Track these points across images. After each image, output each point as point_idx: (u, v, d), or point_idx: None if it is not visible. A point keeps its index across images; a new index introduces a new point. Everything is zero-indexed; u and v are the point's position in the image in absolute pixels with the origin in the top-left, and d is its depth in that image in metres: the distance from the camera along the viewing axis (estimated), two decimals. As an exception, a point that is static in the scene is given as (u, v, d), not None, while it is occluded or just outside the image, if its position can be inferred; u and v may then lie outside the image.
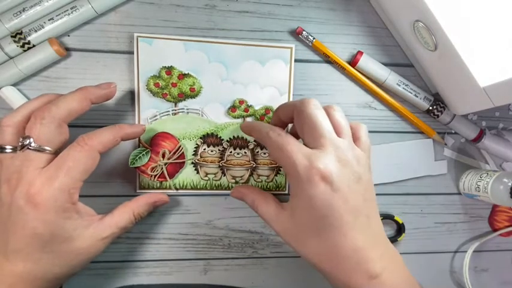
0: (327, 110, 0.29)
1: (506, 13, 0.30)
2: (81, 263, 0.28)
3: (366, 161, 0.29)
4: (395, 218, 0.39)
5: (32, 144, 0.26)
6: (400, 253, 0.41)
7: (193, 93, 0.35)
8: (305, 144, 0.28)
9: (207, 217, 0.36)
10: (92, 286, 0.35)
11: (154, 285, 0.36)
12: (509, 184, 0.35)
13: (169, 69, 0.34)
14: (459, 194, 0.41)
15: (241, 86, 0.35)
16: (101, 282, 0.35)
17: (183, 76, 0.34)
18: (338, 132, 0.28)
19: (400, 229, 0.39)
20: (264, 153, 0.36)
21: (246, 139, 0.36)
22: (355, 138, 0.30)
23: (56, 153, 0.27)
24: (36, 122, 0.26)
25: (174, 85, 0.34)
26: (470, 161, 0.41)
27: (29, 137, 0.26)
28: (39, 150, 0.26)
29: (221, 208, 0.37)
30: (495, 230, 0.42)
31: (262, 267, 0.38)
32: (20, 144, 0.26)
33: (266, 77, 0.35)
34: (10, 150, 0.26)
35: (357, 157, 0.28)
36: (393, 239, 0.39)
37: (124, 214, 0.30)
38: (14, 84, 0.32)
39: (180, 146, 0.35)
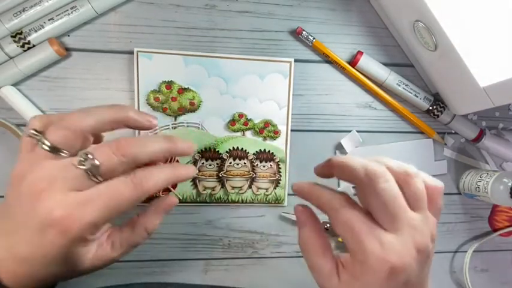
0: (403, 178, 0.24)
1: (506, 13, 0.30)
2: (84, 273, 0.27)
3: (435, 229, 0.24)
4: (396, 218, 0.39)
5: (95, 165, 0.23)
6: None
7: (193, 107, 0.35)
8: (375, 219, 0.23)
9: (207, 217, 0.36)
10: (92, 286, 0.35)
11: (155, 284, 0.36)
12: (509, 184, 0.35)
13: (169, 84, 0.34)
14: (459, 194, 0.41)
15: (241, 99, 0.35)
16: (101, 282, 0.35)
17: (182, 90, 0.34)
18: (414, 206, 0.24)
19: (400, 229, 0.39)
20: (264, 166, 0.36)
21: (246, 150, 0.36)
22: (429, 201, 0.25)
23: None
24: (115, 153, 0.23)
25: (174, 99, 0.34)
26: (470, 161, 0.40)
27: (93, 158, 0.23)
28: (94, 174, 0.23)
29: (221, 208, 0.37)
30: (495, 230, 0.42)
31: (262, 267, 0.38)
32: (80, 158, 0.23)
33: (265, 91, 0.35)
34: (66, 155, 0.23)
35: (431, 231, 0.24)
36: (393, 239, 0.39)
37: (135, 233, 0.28)
38: (14, 84, 0.32)
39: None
